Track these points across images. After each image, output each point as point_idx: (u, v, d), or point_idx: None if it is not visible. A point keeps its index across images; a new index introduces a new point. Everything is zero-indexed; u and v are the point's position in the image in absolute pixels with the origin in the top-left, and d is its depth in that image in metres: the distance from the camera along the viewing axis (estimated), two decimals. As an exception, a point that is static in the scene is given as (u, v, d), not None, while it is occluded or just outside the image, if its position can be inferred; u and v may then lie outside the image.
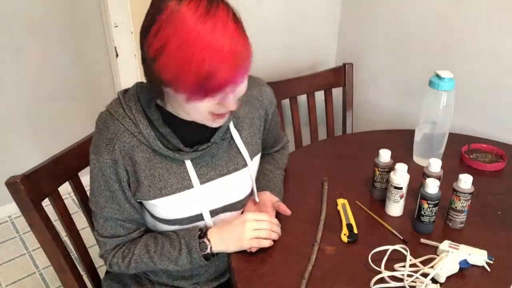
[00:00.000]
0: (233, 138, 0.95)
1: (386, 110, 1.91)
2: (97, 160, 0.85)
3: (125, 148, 0.85)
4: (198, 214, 0.92)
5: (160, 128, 0.86)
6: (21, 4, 2.02)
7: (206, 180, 0.92)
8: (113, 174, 0.86)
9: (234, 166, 0.95)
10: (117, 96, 0.89)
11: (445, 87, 1.15)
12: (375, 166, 1.07)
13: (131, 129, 0.85)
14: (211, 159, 0.92)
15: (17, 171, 0.95)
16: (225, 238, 0.90)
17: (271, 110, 1.04)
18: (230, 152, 0.95)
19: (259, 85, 1.01)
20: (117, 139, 0.85)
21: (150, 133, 0.85)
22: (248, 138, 0.98)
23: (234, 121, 0.95)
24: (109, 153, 0.84)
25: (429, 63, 1.66)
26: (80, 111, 2.35)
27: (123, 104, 0.86)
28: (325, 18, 1.95)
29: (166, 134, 0.87)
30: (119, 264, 0.92)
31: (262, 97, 1.01)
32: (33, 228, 0.95)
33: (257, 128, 1.01)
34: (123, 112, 0.85)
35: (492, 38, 1.45)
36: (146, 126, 0.85)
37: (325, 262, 0.91)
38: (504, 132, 1.48)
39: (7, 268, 1.97)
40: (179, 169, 0.89)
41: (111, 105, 0.88)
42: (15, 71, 2.11)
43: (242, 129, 0.97)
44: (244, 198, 0.99)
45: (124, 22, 1.99)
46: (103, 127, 0.86)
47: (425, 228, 0.98)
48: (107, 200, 0.89)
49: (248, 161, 0.96)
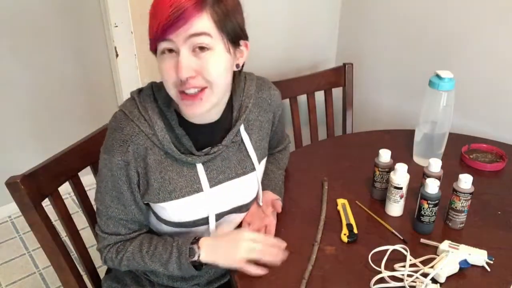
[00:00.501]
0: (243, 141, 0.95)
1: (386, 110, 1.91)
2: (109, 160, 0.85)
3: (138, 150, 0.84)
4: (205, 217, 0.91)
5: (177, 129, 0.86)
6: (21, 4, 2.02)
7: (215, 183, 0.91)
8: (123, 176, 0.86)
9: (242, 170, 0.94)
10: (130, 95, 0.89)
11: (445, 87, 1.15)
12: (375, 166, 1.07)
13: (145, 131, 0.84)
14: (221, 162, 0.92)
15: (17, 171, 0.95)
16: (216, 251, 0.87)
17: (278, 113, 1.04)
18: (239, 156, 0.94)
19: (269, 88, 1.01)
20: (131, 141, 0.84)
21: (165, 135, 0.84)
22: (257, 142, 0.98)
23: (245, 124, 0.95)
24: (122, 155, 0.84)
25: (429, 63, 1.66)
26: (80, 111, 2.35)
27: (138, 105, 0.85)
28: (325, 18, 1.95)
29: (181, 137, 0.86)
30: (113, 259, 0.92)
31: (272, 100, 1.00)
32: (33, 228, 0.95)
33: (265, 132, 1.01)
34: (138, 113, 0.85)
35: (492, 38, 1.45)
36: (161, 128, 0.84)
37: (325, 262, 0.91)
38: (504, 132, 1.48)
39: (7, 268, 1.97)
40: (189, 172, 0.89)
41: (125, 106, 0.87)
42: (15, 71, 2.11)
43: (252, 132, 0.97)
44: (250, 201, 0.99)
45: (124, 22, 1.99)
46: (117, 127, 0.85)
47: (425, 228, 0.98)
48: (113, 199, 0.88)
49: (256, 165, 0.96)
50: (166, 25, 0.73)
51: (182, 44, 0.75)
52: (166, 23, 0.73)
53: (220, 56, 0.79)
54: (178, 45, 0.75)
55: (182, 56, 0.75)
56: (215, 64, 0.78)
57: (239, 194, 0.96)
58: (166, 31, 0.73)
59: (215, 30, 0.76)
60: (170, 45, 0.76)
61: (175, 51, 0.76)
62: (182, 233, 0.94)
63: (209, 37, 0.76)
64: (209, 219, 0.92)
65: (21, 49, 2.09)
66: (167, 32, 0.74)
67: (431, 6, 1.59)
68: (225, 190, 0.93)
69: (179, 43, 0.75)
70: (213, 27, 0.76)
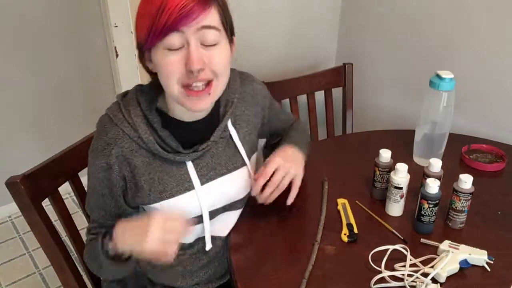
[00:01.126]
0: (231, 137, 0.95)
1: (386, 110, 1.91)
2: (93, 162, 0.86)
3: (123, 153, 0.85)
4: (199, 215, 0.92)
5: (160, 131, 0.86)
6: (21, 4, 2.02)
7: (207, 180, 0.92)
8: (105, 179, 0.86)
9: (233, 165, 0.95)
10: (116, 99, 0.89)
11: (445, 87, 1.15)
12: (375, 166, 1.07)
13: (130, 134, 0.85)
14: (211, 159, 0.92)
15: (17, 171, 0.95)
16: (124, 237, 0.81)
17: (266, 104, 1.04)
18: (228, 151, 0.95)
19: (251, 82, 1.02)
20: (115, 144, 0.84)
21: (149, 137, 0.85)
22: (246, 137, 0.98)
23: (232, 119, 0.96)
24: (105, 157, 0.84)
25: (429, 63, 1.66)
26: (80, 111, 2.35)
27: (122, 109, 0.86)
28: (325, 18, 1.95)
29: (165, 138, 0.87)
30: (86, 242, 0.94)
31: (255, 93, 1.01)
32: (33, 228, 0.95)
33: (253, 126, 1.01)
34: (122, 117, 0.85)
35: (492, 38, 1.45)
36: (145, 131, 0.85)
37: (325, 262, 0.91)
38: (504, 132, 1.48)
39: (7, 268, 1.97)
40: (179, 171, 0.89)
41: (110, 109, 0.88)
42: (15, 71, 2.11)
43: (239, 127, 0.97)
44: (244, 197, 0.99)
45: (124, 22, 1.99)
46: (102, 131, 0.86)
47: (425, 228, 0.98)
48: (95, 202, 0.90)
49: (246, 160, 0.97)
50: (178, 16, 0.73)
51: (192, 36, 0.75)
52: (178, 15, 0.73)
53: (225, 48, 0.81)
54: (188, 37, 0.75)
55: (193, 47, 0.76)
56: (222, 56, 0.80)
57: (232, 190, 0.96)
58: (178, 23, 0.73)
59: (220, 23, 0.79)
60: (178, 38, 0.75)
61: (179, 47, 0.76)
62: None
63: (217, 30, 0.78)
64: (203, 217, 0.92)
65: (21, 49, 2.09)
66: (180, 23, 0.73)
67: (431, 6, 1.59)
68: (217, 187, 0.93)
69: (189, 34, 0.75)
70: (219, 20, 0.78)
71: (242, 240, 0.98)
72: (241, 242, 0.98)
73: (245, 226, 1.02)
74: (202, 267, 1.00)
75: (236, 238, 0.99)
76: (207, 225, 0.93)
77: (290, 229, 1.00)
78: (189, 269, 0.99)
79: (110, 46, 2.10)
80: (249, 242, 0.98)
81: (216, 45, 0.78)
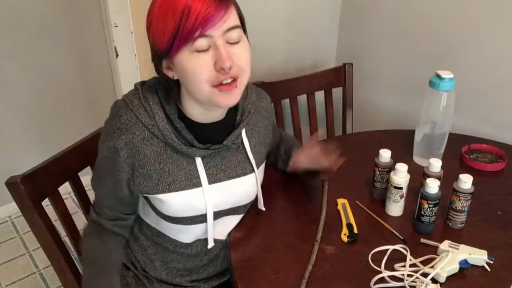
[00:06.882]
0: (243, 144, 0.96)
1: (386, 110, 1.91)
2: (103, 142, 0.87)
3: (133, 140, 0.85)
4: (203, 214, 0.92)
5: (176, 122, 0.87)
6: (21, 4, 2.02)
7: (215, 180, 0.92)
8: (110, 160, 0.86)
9: (242, 171, 0.95)
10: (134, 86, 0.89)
11: (445, 87, 1.15)
12: (375, 166, 1.07)
13: (144, 121, 0.85)
14: (221, 160, 0.92)
15: (17, 171, 0.95)
16: None
17: (272, 119, 1.08)
18: (239, 157, 0.95)
19: (266, 97, 1.05)
20: (126, 130, 0.84)
21: (165, 126, 0.85)
22: (256, 147, 0.99)
23: (247, 128, 0.97)
24: (113, 140, 0.84)
25: (429, 63, 1.66)
26: (80, 111, 2.35)
27: (140, 95, 0.86)
28: (325, 18, 1.95)
29: (181, 129, 0.87)
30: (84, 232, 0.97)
31: (268, 108, 1.04)
32: (33, 228, 0.95)
33: (263, 137, 1.02)
34: (139, 103, 0.85)
35: (492, 38, 1.45)
36: (162, 119, 0.85)
37: (325, 262, 0.91)
38: (504, 132, 1.48)
39: (7, 268, 1.97)
40: (189, 166, 0.89)
41: (127, 95, 0.88)
42: (15, 71, 2.11)
43: (251, 137, 0.98)
44: (248, 203, 1.00)
45: (124, 22, 2.00)
46: (115, 115, 0.86)
47: (425, 228, 0.98)
48: (97, 177, 0.92)
49: (254, 167, 0.97)
50: (205, 20, 0.74)
51: (219, 38, 0.76)
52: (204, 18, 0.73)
53: (247, 43, 0.83)
54: (215, 40, 0.76)
55: (222, 47, 0.77)
56: (245, 51, 0.82)
57: (238, 194, 0.96)
58: (205, 26, 0.74)
59: (239, 20, 0.81)
60: (206, 40, 0.76)
61: (207, 48, 0.77)
62: (181, 230, 0.94)
63: (239, 28, 0.80)
64: (207, 216, 0.92)
65: (21, 49, 2.09)
66: (207, 27, 0.74)
67: (431, 6, 1.59)
68: (224, 189, 0.93)
69: (217, 37, 0.76)
70: (237, 17, 0.81)
71: (242, 240, 0.98)
72: (241, 242, 0.98)
73: (245, 226, 1.02)
74: (202, 266, 1.01)
75: (236, 238, 0.99)
76: (210, 224, 0.93)
77: (290, 229, 1.00)
78: (189, 267, 1.00)
79: (110, 46, 2.10)
80: (249, 242, 0.98)
81: (239, 42, 0.80)
